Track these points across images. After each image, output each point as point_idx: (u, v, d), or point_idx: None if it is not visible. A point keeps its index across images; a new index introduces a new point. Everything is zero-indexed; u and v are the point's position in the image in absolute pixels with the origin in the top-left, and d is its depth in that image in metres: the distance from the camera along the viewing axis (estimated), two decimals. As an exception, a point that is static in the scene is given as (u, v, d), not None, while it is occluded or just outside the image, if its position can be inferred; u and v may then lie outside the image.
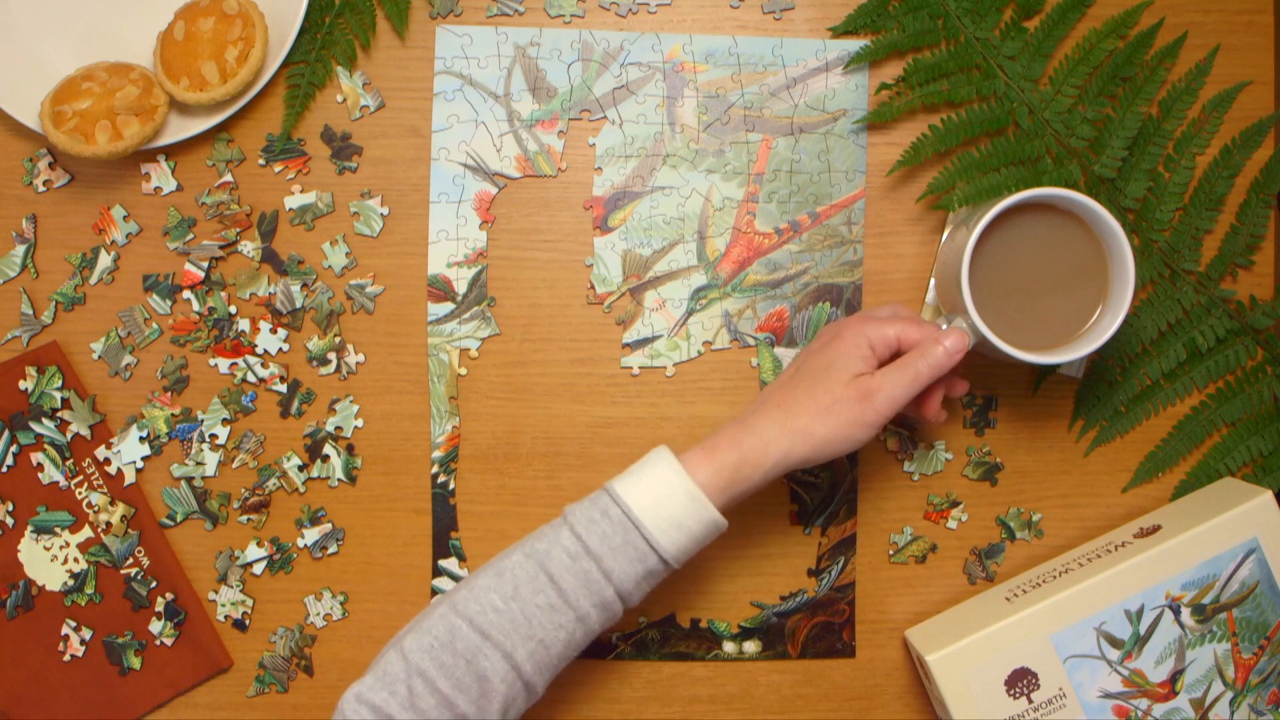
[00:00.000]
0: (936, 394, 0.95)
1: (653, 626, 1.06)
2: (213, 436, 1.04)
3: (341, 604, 1.05)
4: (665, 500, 0.86)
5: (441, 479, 1.05)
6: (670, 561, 0.87)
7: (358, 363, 1.05)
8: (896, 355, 0.92)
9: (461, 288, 1.05)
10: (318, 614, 1.05)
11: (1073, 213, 0.96)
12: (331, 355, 1.05)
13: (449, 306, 1.05)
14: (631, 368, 1.06)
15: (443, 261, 1.05)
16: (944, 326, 0.94)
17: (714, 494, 0.87)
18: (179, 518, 1.05)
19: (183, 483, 1.04)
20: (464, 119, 1.05)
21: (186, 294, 1.04)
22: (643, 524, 0.85)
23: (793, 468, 0.89)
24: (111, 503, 1.03)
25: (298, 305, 1.05)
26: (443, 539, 1.05)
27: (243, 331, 1.05)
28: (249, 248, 1.05)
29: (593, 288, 1.06)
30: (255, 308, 1.05)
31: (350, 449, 1.05)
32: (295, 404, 1.05)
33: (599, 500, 0.87)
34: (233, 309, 1.05)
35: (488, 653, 0.83)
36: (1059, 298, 0.97)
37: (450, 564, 1.05)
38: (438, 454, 1.05)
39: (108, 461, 1.04)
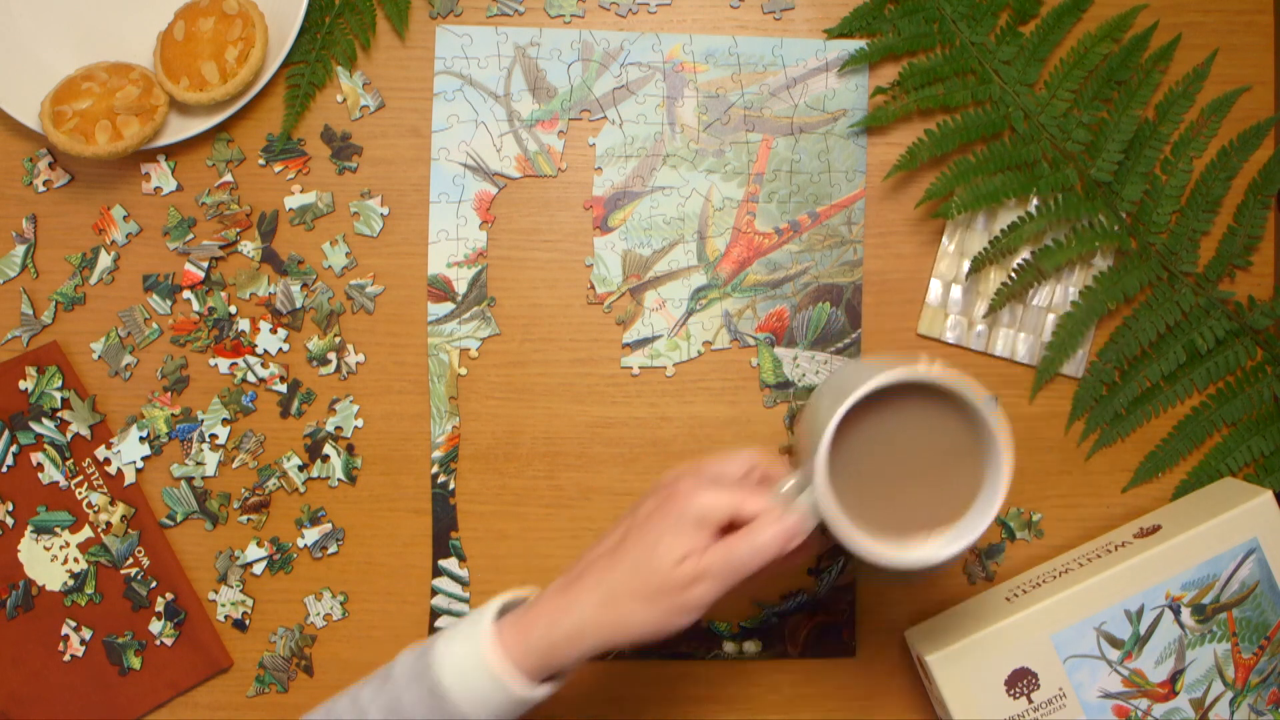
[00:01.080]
0: (776, 568, 0.83)
1: (653, 627, 1.06)
2: (213, 436, 1.04)
3: (341, 604, 1.05)
4: (470, 677, 0.80)
5: (441, 479, 1.05)
6: None
7: (358, 363, 1.05)
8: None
9: (461, 288, 1.05)
10: (318, 614, 1.05)
11: (952, 397, 0.83)
12: (331, 355, 1.05)
13: (449, 306, 1.05)
14: (631, 368, 1.06)
15: (443, 261, 1.05)
16: (792, 494, 0.83)
17: (530, 670, 0.80)
18: (179, 518, 1.04)
19: (183, 483, 1.04)
20: (464, 119, 1.05)
21: (186, 294, 1.04)
22: (450, 696, 0.80)
23: (613, 649, 0.81)
24: (111, 503, 1.03)
25: (298, 305, 1.05)
26: (443, 539, 1.05)
27: (243, 331, 1.05)
28: (249, 248, 1.05)
29: (593, 288, 1.06)
30: (255, 308, 1.05)
31: (350, 449, 1.05)
32: (295, 404, 1.05)
33: (423, 656, 0.82)
34: (233, 309, 1.05)
35: None
36: (929, 486, 0.85)
37: (450, 564, 1.05)
38: (438, 454, 1.05)
39: (108, 461, 1.03)
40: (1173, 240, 1.05)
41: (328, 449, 1.05)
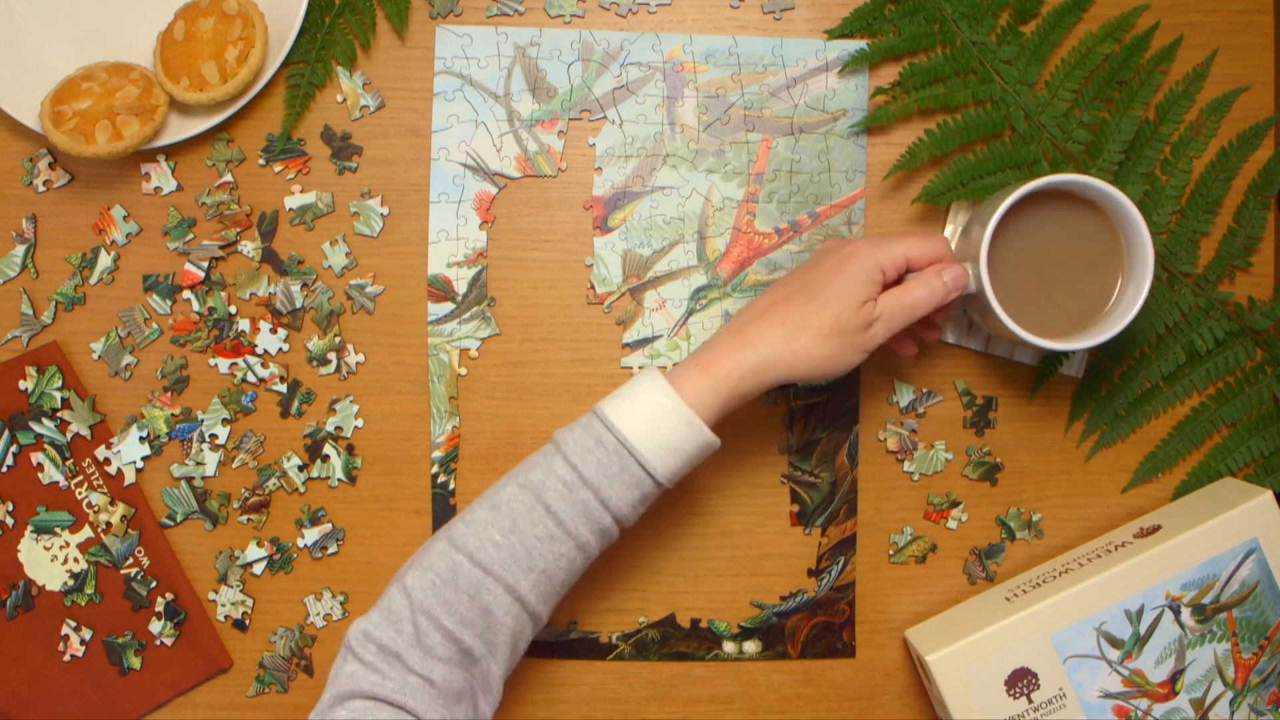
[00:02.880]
0: (917, 332, 1.00)
1: (653, 627, 1.06)
2: (213, 437, 1.04)
3: (341, 604, 1.05)
4: (659, 426, 0.86)
5: (441, 479, 1.05)
6: (665, 484, 0.87)
7: (358, 363, 1.05)
8: (904, 277, 0.93)
9: (461, 288, 1.05)
10: (318, 614, 1.05)
11: (1090, 200, 0.96)
12: (331, 355, 1.05)
13: (449, 306, 1.05)
14: (632, 368, 1.06)
15: (443, 261, 1.05)
16: (952, 237, 0.99)
17: (708, 412, 0.87)
18: (179, 518, 1.05)
19: (183, 483, 1.04)
20: (464, 119, 1.05)
21: (186, 294, 1.04)
22: (639, 451, 0.85)
23: (787, 382, 0.90)
24: (111, 503, 1.03)
25: (298, 305, 1.05)
26: (442, 539, 1.05)
27: (243, 331, 1.05)
28: (249, 248, 1.05)
29: (593, 288, 1.06)
30: (255, 308, 1.05)
31: (350, 449, 1.05)
32: (295, 404, 1.05)
33: (591, 427, 0.87)
34: (233, 309, 1.05)
35: (490, 587, 0.84)
36: (1076, 284, 0.97)
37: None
38: (438, 454, 1.05)
39: (108, 462, 1.03)
40: (1173, 241, 1.05)
41: (328, 449, 1.05)
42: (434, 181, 1.05)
